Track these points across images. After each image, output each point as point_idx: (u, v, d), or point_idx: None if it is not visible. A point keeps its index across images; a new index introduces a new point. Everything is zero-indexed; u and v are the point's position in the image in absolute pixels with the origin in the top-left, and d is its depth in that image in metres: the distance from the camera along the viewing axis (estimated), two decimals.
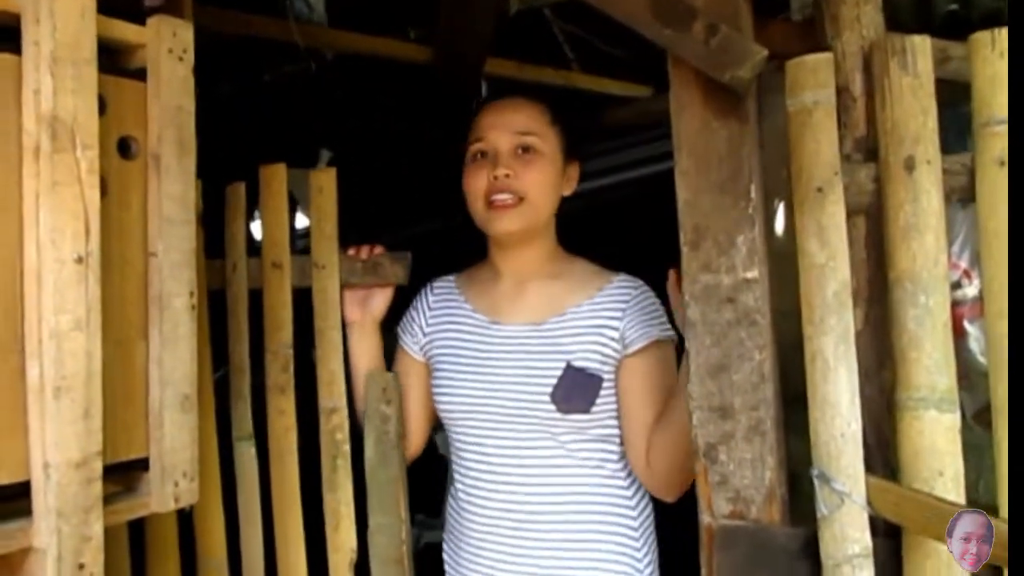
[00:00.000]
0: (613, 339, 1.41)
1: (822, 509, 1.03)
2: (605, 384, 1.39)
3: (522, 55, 2.69)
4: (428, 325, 1.59)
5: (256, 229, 1.67)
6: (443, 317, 1.57)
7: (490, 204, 1.42)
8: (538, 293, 1.48)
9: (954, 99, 1.12)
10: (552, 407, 1.37)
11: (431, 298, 1.62)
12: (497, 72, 2.64)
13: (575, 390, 1.36)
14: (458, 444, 1.51)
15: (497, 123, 1.46)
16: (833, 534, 1.02)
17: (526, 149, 1.44)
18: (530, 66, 2.73)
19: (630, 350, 1.40)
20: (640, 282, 1.47)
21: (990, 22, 0.98)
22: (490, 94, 2.11)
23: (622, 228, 2.71)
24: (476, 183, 1.44)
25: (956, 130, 1.20)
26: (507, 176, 1.41)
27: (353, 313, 1.55)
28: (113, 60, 1.03)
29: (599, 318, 1.42)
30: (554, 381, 1.37)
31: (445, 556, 1.55)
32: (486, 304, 1.52)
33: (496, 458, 1.43)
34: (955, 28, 1.16)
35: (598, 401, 1.39)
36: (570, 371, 1.37)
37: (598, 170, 2.67)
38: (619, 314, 1.41)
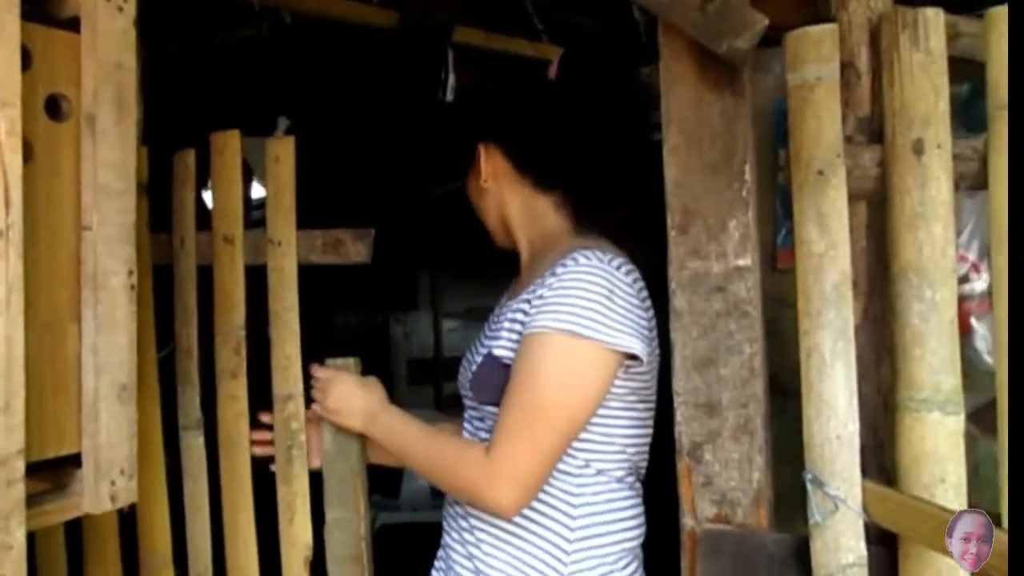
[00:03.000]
0: (524, 325, 1.15)
1: (815, 515, 0.96)
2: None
3: (491, 24, 2.59)
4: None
5: (208, 199, 1.55)
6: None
7: None
8: (523, 275, 1.31)
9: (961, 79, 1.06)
10: (471, 395, 1.25)
11: None
12: (465, 41, 2.53)
13: (486, 380, 1.20)
14: None
15: None
16: (826, 542, 0.96)
17: None
18: (499, 36, 2.63)
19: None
20: (578, 261, 1.12)
21: None
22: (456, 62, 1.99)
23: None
24: None
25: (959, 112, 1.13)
26: None
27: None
28: (40, 7, 0.91)
29: (522, 303, 1.18)
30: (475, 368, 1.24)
31: None
32: (515, 281, 1.35)
33: None
34: (967, 3, 1.09)
35: None
36: (488, 360, 1.20)
37: None
38: (538, 300, 1.14)
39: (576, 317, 1.08)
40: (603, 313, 1.09)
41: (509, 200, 1.30)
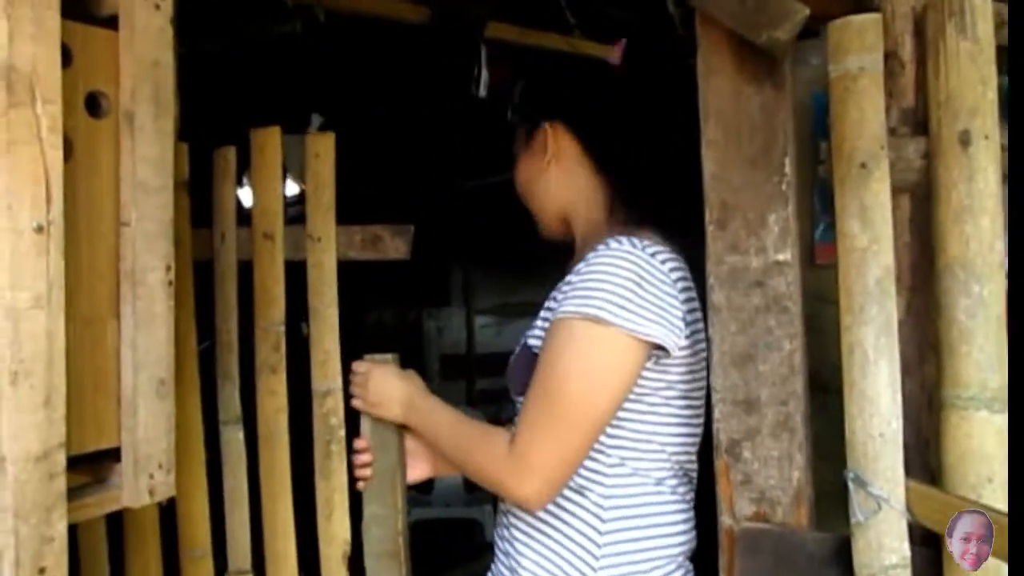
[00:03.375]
0: (553, 312, 1.12)
1: (857, 515, 0.95)
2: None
3: (524, 19, 2.58)
4: None
5: (245, 197, 1.57)
6: None
7: None
8: (571, 265, 1.23)
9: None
10: (511, 387, 1.22)
11: None
12: (498, 36, 2.53)
13: (518, 370, 1.18)
14: None
15: None
16: (868, 542, 0.94)
17: None
18: (532, 31, 2.62)
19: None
20: (609, 246, 1.09)
21: None
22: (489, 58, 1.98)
23: None
24: None
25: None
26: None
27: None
28: (80, 5, 0.92)
29: (556, 292, 1.16)
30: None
31: None
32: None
33: None
34: None
35: None
36: (523, 349, 1.20)
37: None
38: (566, 286, 1.11)
39: (601, 302, 1.04)
40: (629, 299, 1.04)
41: (570, 183, 1.24)
